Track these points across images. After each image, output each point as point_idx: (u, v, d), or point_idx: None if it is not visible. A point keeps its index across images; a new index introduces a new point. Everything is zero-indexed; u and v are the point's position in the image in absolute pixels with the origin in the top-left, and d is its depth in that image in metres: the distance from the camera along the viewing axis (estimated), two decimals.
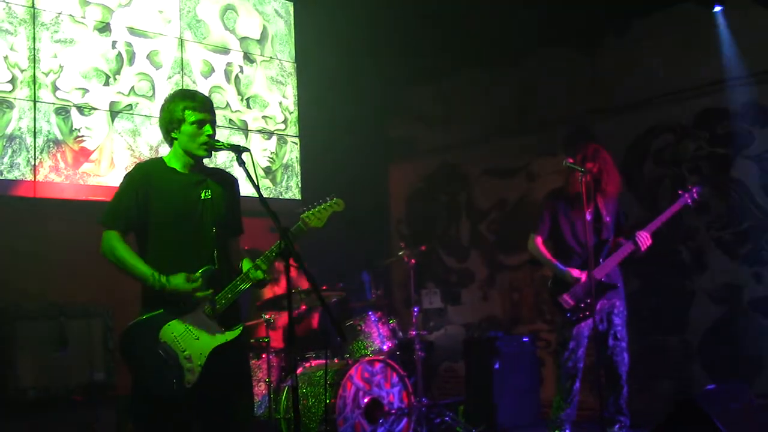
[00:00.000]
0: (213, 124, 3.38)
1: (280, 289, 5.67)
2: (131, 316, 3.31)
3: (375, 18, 6.99)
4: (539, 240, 5.12)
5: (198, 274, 3.24)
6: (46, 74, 5.61)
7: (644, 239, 4.88)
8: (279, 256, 3.26)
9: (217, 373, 3.23)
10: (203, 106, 3.36)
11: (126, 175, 3.42)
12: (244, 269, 3.34)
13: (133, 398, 3.32)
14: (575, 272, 4.90)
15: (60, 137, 5.63)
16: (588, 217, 4.94)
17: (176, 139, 3.36)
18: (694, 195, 5.03)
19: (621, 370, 4.92)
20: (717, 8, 5.93)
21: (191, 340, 3.22)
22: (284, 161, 7.05)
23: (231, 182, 3.54)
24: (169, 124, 3.36)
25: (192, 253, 3.30)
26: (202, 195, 3.36)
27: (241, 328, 3.36)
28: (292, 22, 7.31)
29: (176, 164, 3.39)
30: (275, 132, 7.02)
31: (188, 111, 3.32)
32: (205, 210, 3.35)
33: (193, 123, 3.31)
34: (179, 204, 3.32)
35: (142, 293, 3.32)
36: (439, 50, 7.21)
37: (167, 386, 3.16)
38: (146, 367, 3.19)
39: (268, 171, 6.90)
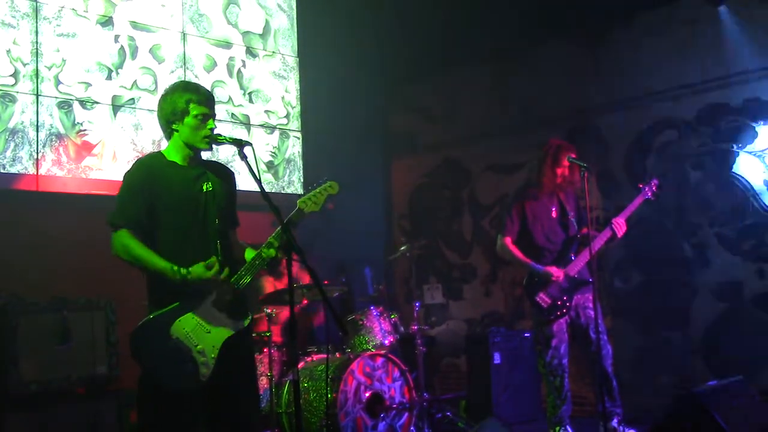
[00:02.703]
0: (214, 118, 3.38)
1: (281, 283, 5.68)
2: (133, 309, 3.31)
3: (378, 13, 6.99)
4: (508, 240, 5.08)
5: (212, 260, 3.24)
6: (49, 68, 5.61)
7: (620, 225, 4.89)
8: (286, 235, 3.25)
9: (228, 365, 3.25)
10: (208, 100, 3.37)
11: (127, 172, 3.38)
12: (248, 258, 3.35)
13: (142, 395, 3.31)
14: (553, 270, 4.89)
15: (62, 131, 5.64)
16: (554, 214, 5.00)
17: (177, 131, 3.35)
18: (653, 188, 5.04)
19: (606, 362, 4.91)
20: (721, 8, 5.91)
21: (203, 334, 3.22)
22: (286, 156, 7.05)
23: (229, 175, 3.54)
24: (172, 116, 3.33)
25: (197, 245, 3.29)
26: (204, 188, 3.36)
27: (249, 317, 3.38)
28: (295, 16, 7.30)
29: (176, 157, 3.38)
30: (277, 126, 7.02)
31: (193, 104, 3.31)
32: (207, 202, 3.35)
33: (196, 116, 3.31)
34: (183, 198, 3.32)
35: (149, 291, 3.30)
36: (443, 45, 7.20)
37: (184, 381, 3.16)
38: (161, 365, 3.18)
39: (270, 165, 6.90)
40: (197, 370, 3.18)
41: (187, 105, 3.31)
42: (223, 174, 3.51)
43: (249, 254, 3.38)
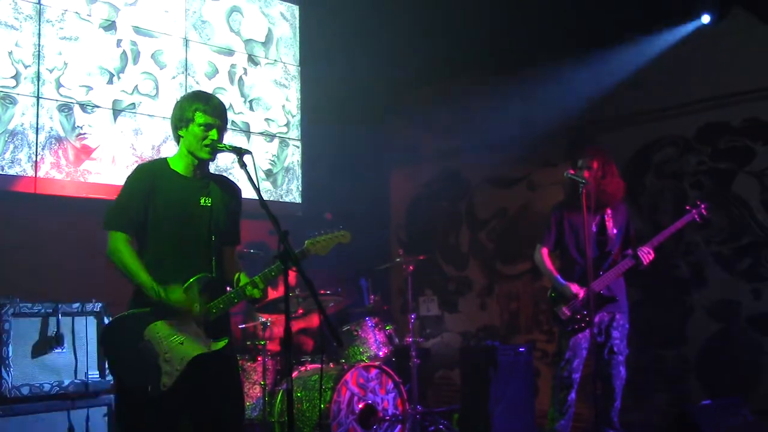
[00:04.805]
0: (221, 130, 3.38)
1: (277, 292, 5.67)
2: None
3: (379, 24, 7.01)
4: (545, 251, 5.11)
5: (190, 282, 3.23)
6: (51, 71, 5.61)
7: (645, 254, 4.87)
8: (278, 275, 3.27)
9: (199, 382, 3.22)
10: (214, 110, 3.36)
11: (129, 176, 3.40)
12: (241, 283, 3.34)
13: (116, 394, 3.32)
14: (574, 288, 4.89)
15: (62, 134, 5.63)
16: (594, 228, 4.92)
17: (182, 137, 3.37)
18: (702, 211, 5.02)
19: (615, 383, 4.89)
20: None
21: (175, 344, 3.20)
22: (285, 164, 7.05)
23: (234, 190, 3.54)
24: (179, 122, 3.37)
25: (188, 258, 3.29)
26: (202, 201, 3.36)
27: (227, 340, 3.34)
28: (297, 25, 7.32)
29: (180, 166, 3.39)
30: (277, 135, 7.02)
31: (199, 112, 3.33)
32: (203, 216, 3.34)
33: (200, 125, 3.32)
34: (178, 208, 3.32)
35: (134, 291, 3.30)
36: (443, 57, 7.22)
37: (141, 384, 3.15)
38: (124, 362, 3.19)
39: (269, 174, 6.90)
40: (159, 378, 3.15)
41: (193, 113, 3.33)
42: (228, 189, 3.50)
43: (243, 280, 3.36)
